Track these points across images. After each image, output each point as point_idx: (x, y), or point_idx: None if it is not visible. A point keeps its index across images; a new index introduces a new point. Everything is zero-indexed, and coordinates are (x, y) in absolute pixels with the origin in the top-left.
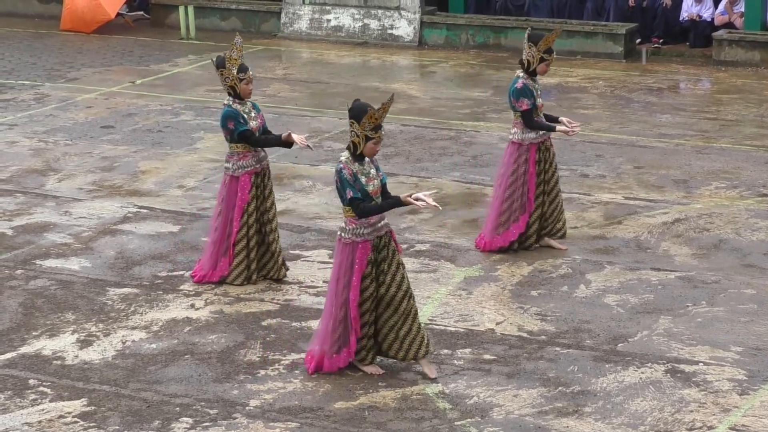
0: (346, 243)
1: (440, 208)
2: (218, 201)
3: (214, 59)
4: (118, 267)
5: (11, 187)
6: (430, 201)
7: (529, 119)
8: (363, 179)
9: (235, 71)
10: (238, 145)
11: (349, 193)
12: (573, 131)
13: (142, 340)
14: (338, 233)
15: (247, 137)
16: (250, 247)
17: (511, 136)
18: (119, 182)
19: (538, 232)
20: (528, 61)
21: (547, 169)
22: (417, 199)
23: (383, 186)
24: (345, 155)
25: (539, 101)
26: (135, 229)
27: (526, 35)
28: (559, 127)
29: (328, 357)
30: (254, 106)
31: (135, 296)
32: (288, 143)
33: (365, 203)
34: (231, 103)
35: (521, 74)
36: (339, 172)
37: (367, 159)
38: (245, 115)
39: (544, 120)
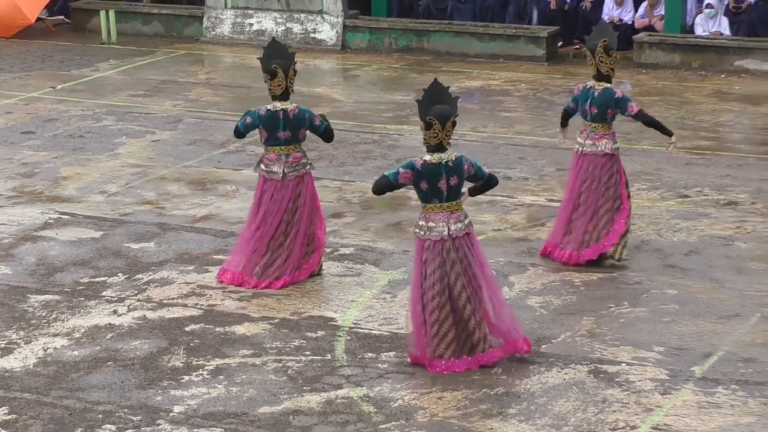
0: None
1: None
2: None
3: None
4: (39, 273)
5: None
6: None
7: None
8: None
9: None
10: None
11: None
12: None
13: (64, 347)
14: (469, 226)
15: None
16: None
17: (602, 148)
18: (40, 188)
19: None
20: None
21: None
22: None
23: None
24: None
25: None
26: (56, 236)
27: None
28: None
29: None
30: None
31: (56, 303)
32: None
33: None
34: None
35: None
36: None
37: None
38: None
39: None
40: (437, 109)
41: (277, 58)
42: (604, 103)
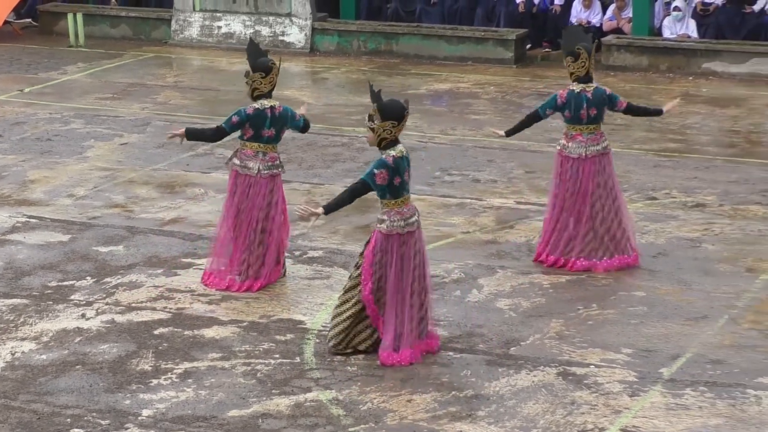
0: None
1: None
2: None
3: None
4: (7, 277)
5: None
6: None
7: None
8: None
9: None
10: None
11: None
12: None
13: (32, 351)
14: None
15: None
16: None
17: (606, 146)
18: (8, 192)
19: None
20: None
21: None
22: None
23: None
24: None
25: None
26: (24, 239)
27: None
28: None
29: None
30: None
31: (24, 307)
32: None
33: None
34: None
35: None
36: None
37: None
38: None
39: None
40: (402, 103)
41: (262, 56)
42: (601, 102)
